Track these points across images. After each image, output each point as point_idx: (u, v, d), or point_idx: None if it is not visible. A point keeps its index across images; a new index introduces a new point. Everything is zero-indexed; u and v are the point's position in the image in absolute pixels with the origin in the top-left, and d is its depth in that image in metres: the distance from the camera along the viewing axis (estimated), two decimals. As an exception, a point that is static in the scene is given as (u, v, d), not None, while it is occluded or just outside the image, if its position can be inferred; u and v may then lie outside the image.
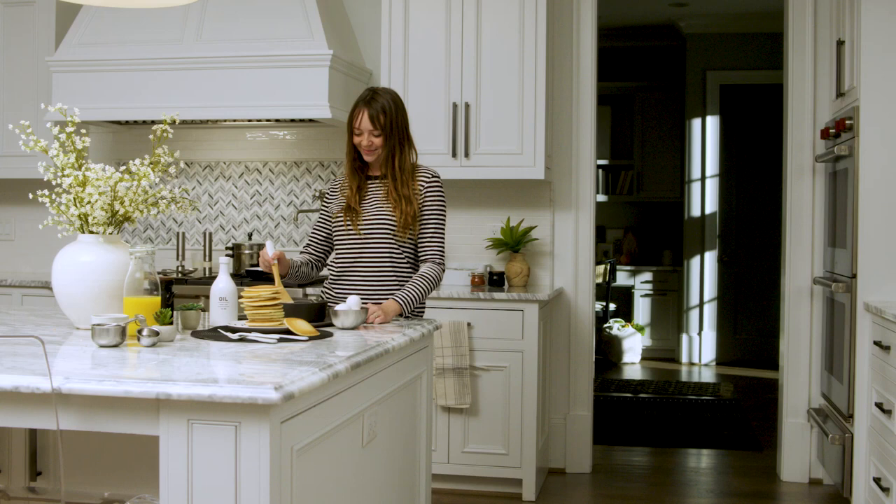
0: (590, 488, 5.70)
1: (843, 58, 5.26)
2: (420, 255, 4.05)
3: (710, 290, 10.49)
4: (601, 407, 7.56)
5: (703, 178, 10.49)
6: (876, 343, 4.60)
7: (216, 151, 6.40)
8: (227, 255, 5.22)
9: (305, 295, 5.28)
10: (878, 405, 4.50)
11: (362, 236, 3.99)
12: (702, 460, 6.43)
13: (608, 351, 10.31)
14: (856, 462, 4.85)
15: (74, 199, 3.27)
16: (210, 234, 6.15)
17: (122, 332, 2.88)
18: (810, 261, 5.76)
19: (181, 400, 2.27)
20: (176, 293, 5.46)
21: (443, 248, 4.06)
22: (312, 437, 2.52)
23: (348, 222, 4.01)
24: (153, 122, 5.74)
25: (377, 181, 4.03)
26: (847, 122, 4.99)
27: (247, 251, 6.05)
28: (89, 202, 3.25)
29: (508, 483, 5.41)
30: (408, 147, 4.01)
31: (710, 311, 10.49)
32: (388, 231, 3.97)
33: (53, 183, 3.31)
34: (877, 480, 4.53)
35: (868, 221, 4.86)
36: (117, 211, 3.30)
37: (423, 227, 4.02)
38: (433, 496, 4.16)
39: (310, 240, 4.21)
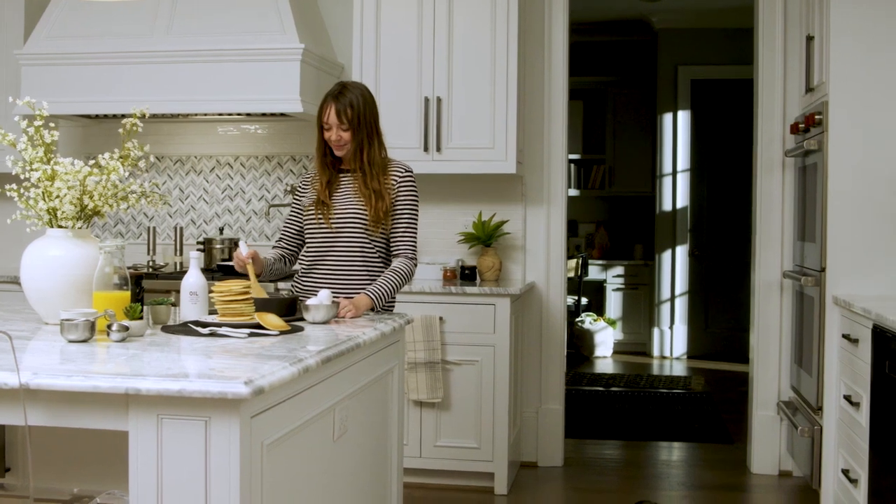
0: (562, 481, 5.72)
1: (812, 53, 5.29)
2: (392, 250, 4.05)
3: (682, 284, 10.54)
4: (573, 401, 7.59)
5: (674, 173, 10.53)
6: (844, 336, 4.64)
7: (187, 146, 6.37)
8: (197, 250, 5.20)
9: (277, 290, 5.27)
10: (847, 398, 4.54)
11: (333, 230, 3.98)
12: (673, 453, 6.47)
13: (580, 345, 10.34)
14: (825, 454, 4.89)
15: (43, 193, 3.25)
16: (181, 228, 6.12)
17: (92, 327, 2.87)
18: (780, 255, 5.80)
19: (150, 395, 2.25)
20: (146, 288, 5.42)
21: (415, 243, 4.06)
22: (283, 431, 2.52)
23: (319, 216, 4.00)
24: (123, 116, 5.71)
25: (349, 175, 4.03)
26: (816, 116, 5.02)
27: (218, 246, 6.03)
28: (58, 196, 3.22)
29: (480, 477, 5.42)
30: (377, 141, 4.00)
31: (681, 304, 10.55)
32: (360, 226, 3.96)
33: (22, 177, 3.28)
34: (845, 472, 4.57)
35: (837, 215, 4.90)
36: (86, 205, 3.27)
37: (395, 222, 4.02)
38: (405, 490, 4.16)
39: (282, 234, 4.21)
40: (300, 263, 4.18)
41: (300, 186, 4.17)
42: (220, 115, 5.88)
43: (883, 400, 3.96)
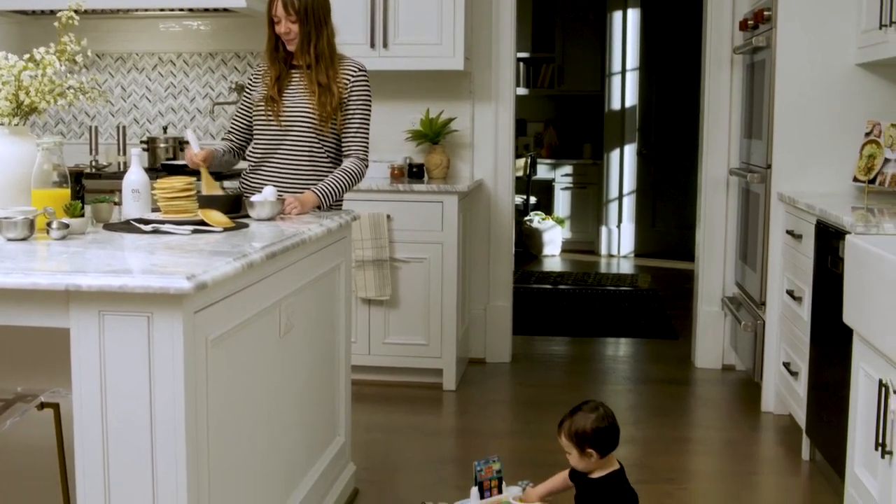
0: (509, 377, 5.78)
1: (761, -53, 5.25)
2: (343, 149, 4.00)
3: (630, 182, 10.60)
4: (521, 298, 7.64)
5: (623, 72, 10.50)
6: (788, 232, 4.69)
7: (128, 42, 6.22)
8: (141, 149, 5.12)
9: (223, 188, 5.21)
10: (789, 292, 4.61)
11: (282, 128, 3.93)
12: (619, 349, 6.56)
13: (529, 244, 10.39)
14: (767, 348, 4.98)
15: (-24, 88, 3.16)
16: (124, 127, 6.02)
17: (31, 224, 2.81)
18: (727, 152, 5.82)
19: (91, 291, 2.22)
20: (90, 188, 5.34)
21: (367, 143, 4.00)
22: (227, 327, 2.50)
23: (269, 112, 3.95)
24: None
25: (299, 71, 3.96)
26: (765, 13, 5.00)
27: (162, 145, 5.94)
28: (-8, 92, 3.14)
29: (429, 373, 5.47)
30: (326, 33, 3.92)
31: (628, 203, 10.61)
32: (309, 123, 3.91)
33: (-46, 72, 3.19)
34: (786, 365, 4.66)
35: (783, 112, 4.91)
36: (22, 101, 3.19)
37: (347, 121, 3.96)
38: (354, 387, 4.18)
39: (231, 128, 4.16)
40: (247, 161, 4.13)
41: (250, 80, 4.10)
42: (161, 10, 5.73)
43: (824, 294, 4.02)
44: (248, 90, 4.10)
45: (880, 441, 3.13)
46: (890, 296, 3.01)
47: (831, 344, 3.91)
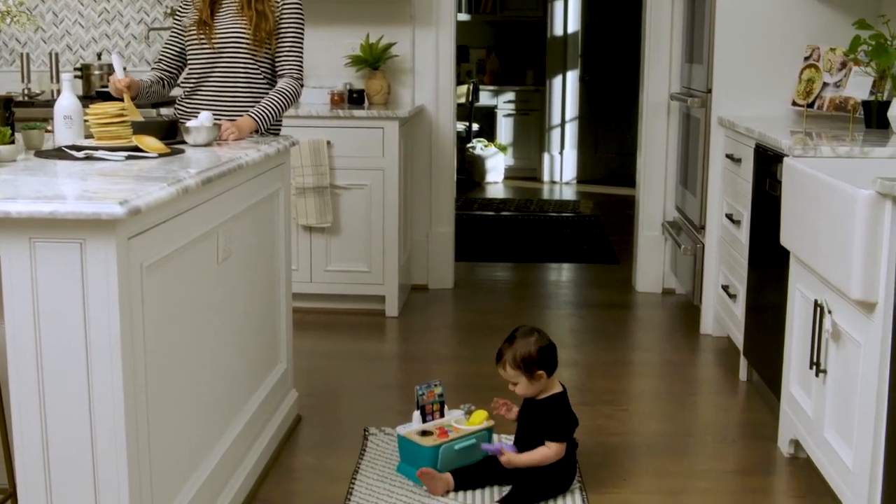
0: (452, 303, 5.80)
1: None
2: (277, 70, 3.95)
3: (572, 109, 10.58)
4: (464, 225, 7.64)
5: (565, -4, 10.44)
6: (728, 156, 4.72)
7: (58, -35, 6.06)
8: (75, 77, 5.00)
9: (159, 115, 5.12)
10: (728, 216, 4.65)
11: (216, 51, 3.87)
12: (561, 274, 6.60)
13: (471, 171, 10.37)
14: (706, 271, 5.04)
15: None
16: (56, 54, 5.87)
17: (-41, 151, 2.75)
18: (668, 77, 5.81)
19: (21, 218, 2.18)
20: (23, 117, 5.22)
21: (301, 62, 3.96)
22: (163, 253, 2.47)
23: (202, 36, 3.88)
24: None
25: (232, -6, 3.89)
26: (705, -66, 4.98)
27: (96, 72, 5.82)
28: (-85, 14, 3.04)
29: (371, 300, 5.46)
30: (265, -42, 3.86)
31: (571, 130, 10.61)
32: (243, 45, 3.86)
33: None
34: (725, 288, 4.71)
35: (724, 37, 4.91)
36: (-53, 24, 3.10)
37: (280, 41, 3.91)
38: (296, 315, 4.16)
39: (161, 56, 4.08)
40: (182, 87, 4.06)
41: (181, 6, 4.02)
42: (91, -69, 5.59)
43: (762, 217, 4.06)
44: (178, 16, 4.03)
45: (815, 360, 3.18)
46: (825, 217, 3.04)
47: (769, 266, 3.95)
